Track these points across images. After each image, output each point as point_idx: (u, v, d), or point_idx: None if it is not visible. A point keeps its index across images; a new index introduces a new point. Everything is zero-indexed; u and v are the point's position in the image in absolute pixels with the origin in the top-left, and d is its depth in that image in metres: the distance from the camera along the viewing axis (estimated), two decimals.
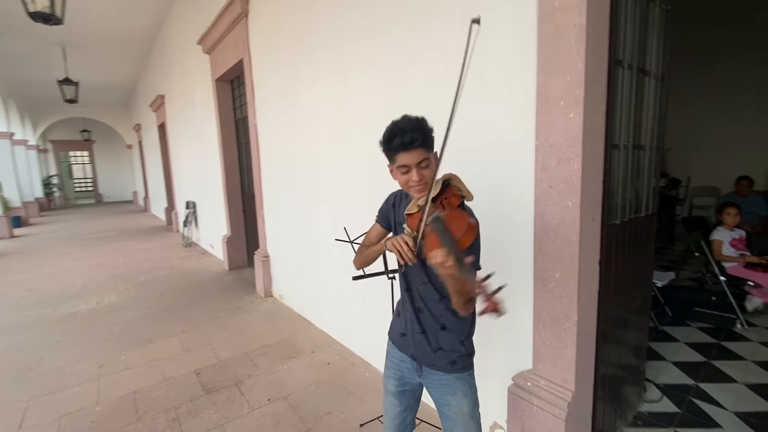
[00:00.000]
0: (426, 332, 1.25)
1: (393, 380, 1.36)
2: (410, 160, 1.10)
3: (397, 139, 1.08)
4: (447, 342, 1.24)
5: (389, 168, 1.20)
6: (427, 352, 1.25)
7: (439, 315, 1.23)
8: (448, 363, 1.24)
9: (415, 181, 1.12)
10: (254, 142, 4.23)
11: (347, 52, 2.61)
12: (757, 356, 2.67)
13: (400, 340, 1.33)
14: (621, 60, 1.59)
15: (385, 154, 1.16)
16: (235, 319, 3.78)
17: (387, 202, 1.37)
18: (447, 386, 1.26)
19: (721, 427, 2.02)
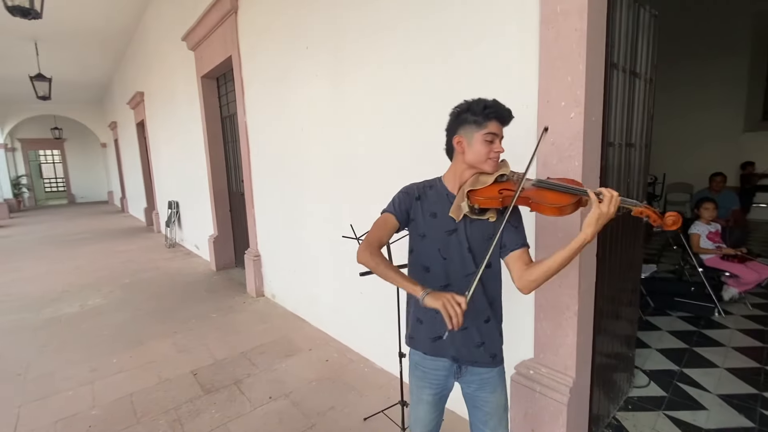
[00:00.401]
0: (469, 328, 1.21)
1: (429, 390, 1.30)
2: (500, 131, 1.15)
3: (496, 108, 1.12)
4: (489, 335, 1.23)
5: (458, 139, 1.16)
6: (470, 349, 1.23)
7: (484, 308, 1.21)
8: (490, 357, 1.24)
9: (497, 153, 1.15)
10: (244, 140, 4.19)
11: (343, 51, 2.63)
12: (735, 342, 2.84)
13: (434, 345, 1.25)
14: (616, 62, 1.68)
15: (469, 119, 1.14)
16: (227, 319, 3.75)
17: (408, 195, 1.23)
18: (487, 383, 1.25)
19: (706, 408, 2.15)
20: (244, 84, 3.99)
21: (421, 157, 2.20)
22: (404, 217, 1.21)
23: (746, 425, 2.01)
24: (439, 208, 1.21)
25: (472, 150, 1.15)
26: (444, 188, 1.24)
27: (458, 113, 1.18)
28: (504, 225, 1.10)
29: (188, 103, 5.56)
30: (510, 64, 1.72)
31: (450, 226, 1.19)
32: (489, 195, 1.12)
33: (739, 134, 7.23)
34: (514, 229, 1.18)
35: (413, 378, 1.34)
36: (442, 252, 1.20)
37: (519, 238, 1.18)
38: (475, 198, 1.13)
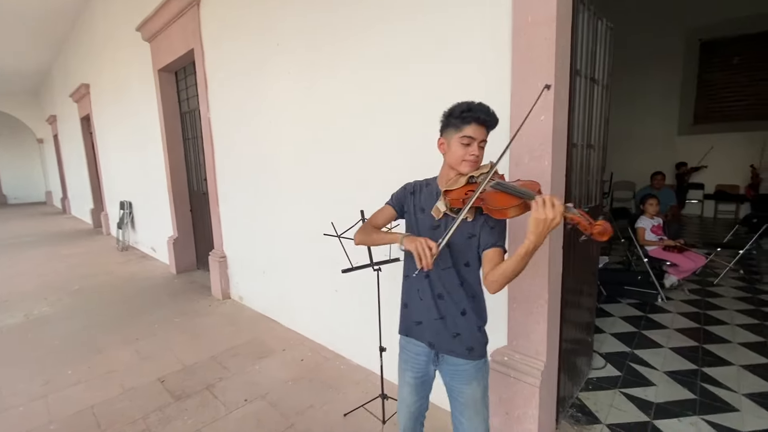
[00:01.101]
0: (445, 318, 1.29)
1: (410, 372, 1.39)
2: (477, 135, 1.19)
3: (475, 112, 1.17)
4: (465, 328, 1.29)
5: (441, 141, 1.26)
6: (446, 338, 1.29)
7: (459, 300, 1.28)
8: (466, 349, 1.29)
9: (474, 155, 1.19)
10: (207, 137, 4.04)
11: (318, 49, 2.62)
12: (676, 324, 3.15)
13: (416, 329, 1.35)
14: (578, 69, 1.82)
15: (451, 122, 1.20)
16: (193, 323, 3.61)
17: (405, 189, 1.39)
18: (462, 376, 1.31)
19: (655, 384, 2.38)
20: (207, 79, 3.85)
21: (396, 156, 2.26)
22: (399, 207, 1.37)
23: (689, 397, 2.25)
24: (427, 205, 1.31)
25: (451, 152, 1.23)
26: (436, 186, 1.33)
27: (445, 115, 1.25)
28: (481, 226, 1.21)
29: (143, 97, 5.26)
30: (484, 68, 1.81)
31: (433, 222, 1.28)
32: (456, 196, 1.20)
33: (673, 137, 7.96)
34: (489, 229, 1.21)
35: (400, 360, 1.45)
36: None
37: (492, 238, 1.20)
38: (448, 198, 1.21)
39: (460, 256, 1.25)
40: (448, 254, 1.25)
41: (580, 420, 2.10)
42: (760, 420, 2.04)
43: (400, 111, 2.20)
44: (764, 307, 3.41)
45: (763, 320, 3.16)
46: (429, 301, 1.30)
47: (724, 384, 2.36)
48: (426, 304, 1.31)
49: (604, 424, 2.07)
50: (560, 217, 0.99)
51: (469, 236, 1.24)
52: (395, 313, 2.15)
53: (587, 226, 0.99)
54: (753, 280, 4.06)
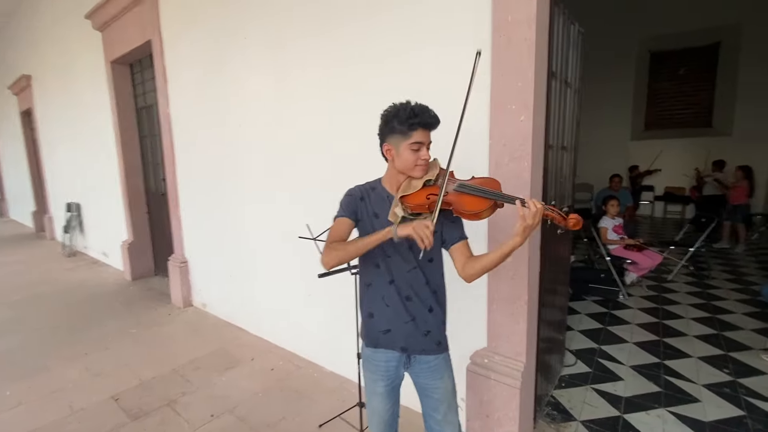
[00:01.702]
0: (416, 319, 1.28)
1: (382, 382, 1.35)
2: (425, 139, 1.19)
3: (421, 117, 1.15)
4: (434, 324, 1.31)
5: (387, 147, 1.23)
6: (418, 339, 1.29)
7: (426, 298, 1.29)
8: (436, 344, 1.31)
9: (426, 159, 1.20)
10: (166, 134, 3.79)
11: (288, 44, 2.51)
12: (637, 320, 3.30)
13: (385, 337, 1.31)
14: (554, 72, 1.84)
15: (396, 128, 1.18)
16: (151, 333, 3.36)
17: (352, 196, 1.31)
18: (435, 370, 1.32)
19: (623, 379, 2.46)
20: (167, 72, 3.61)
21: (366, 157, 2.19)
22: (354, 216, 1.29)
23: (654, 390, 2.34)
24: (379, 209, 1.27)
25: (400, 158, 1.21)
26: (384, 190, 1.29)
27: (386, 120, 1.21)
28: (442, 222, 1.24)
29: (94, 90, 4.87)
30: (464, 66, 1.78)
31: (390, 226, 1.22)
32: (417, 201, 1.19)
33: (626, 142, 8.44)
34: (451, 224, 1.26)
35: (366, 372, 1.40)
36: (386, 250, 1.26)
37: (457, 232, 1.27)
38: (407, 203, 1.19)
39: (421, 254, 1.22)
40: (411, 255, 1.26)
41: (556, 418, 2.12)
42: (719, 409, 2.15)
43: (371, 111, 2.14)
44: (713, 301, 3.64)
45: (714, 313, 3.38)
46: (397, 305, 1.28)
47: (684, 376, 2.47)
48: (394, 309, 1.29)
49: (579, 421, 2.10)
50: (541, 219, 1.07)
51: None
52: None
53: (561, 220, 1.08)
54: (702, 276, 4.35)
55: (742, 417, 2.08)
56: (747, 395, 2.26)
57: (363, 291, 1.38)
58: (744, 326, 3.12)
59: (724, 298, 3.72)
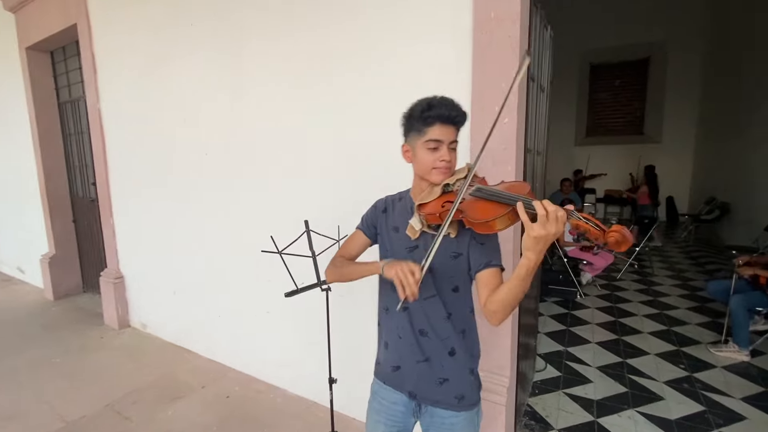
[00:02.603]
0: (430, 360, 1.05)
1: (384, 426, 1.13)
2: (445, 136, 0.98)
3: (437, 109, 0.96)
4: (454, 371, 1.05)
5: (405, 148, 1.06)
6: (431, 386, 1.06)
7: (446, 337, 1.04)
8: (455, 398, 1.05)
9: (446, 161, 0.98)
10: (97, 133, 3.33)
11: (244, 32, 2.26)
12: (596, 319, 3.41)
13: (393, 375, 1.11)
14: (533, 74, 1.79)
15: (412, 125, 1.01)
16: (80, 362, 2.90)
17: (375, 208, 1.17)
18: (450, 430, 1.07)
19: (591, 381, 2.49)
20: (97, 62, 3.17)
21: (332, 163, 2.03)
22: (372, 232, 1.15)
23: (621, 391, 2.39)
24: (401, 222, 1.09)
25: (417, 160, 1.03)
26: (410, 200, 1.11)
27: (406, 118, 1.04)
28: (468, 243, 0.99)
29: (5, 81, 4.20)
30: (443, 67, 1.67)
31: (410, 242, 1.06)
32: (432, 209, 0.99)
33: (572, 147, 8.95)
34: (479, 246, 1.00)
35: (370, 409, 1.19)
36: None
37: (484, 257, 0.99)
38: (423, 213, 1.00)
39: (445, 281, 1.03)
40: (431, 280, 1.02)
41: (535, 428, 2.08)
42: (682, 405, 2.23)
43: (338, 111, 1.98)
44: (659, 297, 3.88)
45: (662, 309, 3.58)
46: (409, 338, 1.06)
47: (646, 374, 2.55)
48: (406, 342, 1.07)
49: (557, 429, 2.07)
50: (563, 227, 0.79)
51: (455, 256, 1.02)
52: (343, 338, 1.91)
53: (599, 235, 0.76)
54: (646, 273, 4.64)
55: (703, 412, 2.17)
56: (704, 389, 2.37)
57: (381, 315, 1.17)
58: (689, 321, 3.32)
59: (668, 294, 3.98)
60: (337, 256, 1.16)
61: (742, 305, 2.66)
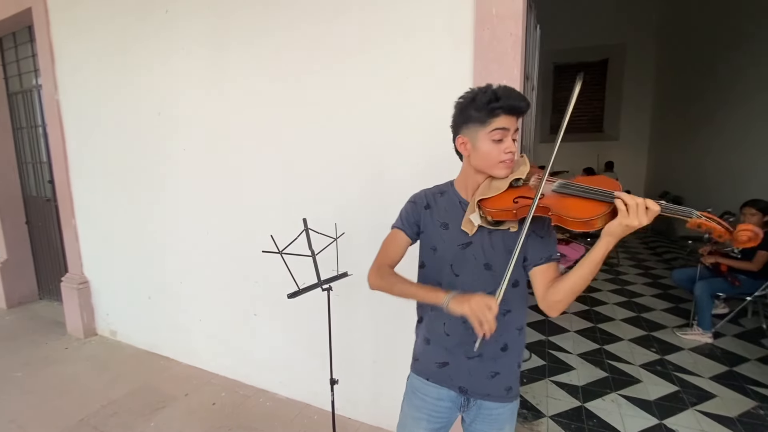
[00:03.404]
0: (483, 356, 1.04)
1: (427, 423, 1.11)
2: (511, 125, 0.94)
3: (506, 100, 0.91)
4: (506, 365, 1.06)
5: (461, 140, 0.99)
6: (482, 381, 1.06)
7: (500, 333, 0.99)
8: (505, 390, 1.07)
9: (512, 152, 0.95)
10: (55, 126, 3.07)
11: (225, 16, 2.16)
12: (572, 309, 3.56)
13: (439, 372, 1.09)
14: (528, 73, 1.83)
15: (472, 115, 0.95)
16: (44, 375, 2.68)
17: (416, 204, 1.09)
18: (495, 420, 1.09)
19: (574, 368, 2.60)
20: (55, 50, 2.91)
21: (321, 160, 1.98)
22: (414, 230, 1.08)
23: (602, 376, 2.52)
24: (450, 218, 1.04)
25: (478, 153, 0.97)
26: (456, 195, 1.06)
27: (461, 107, 0.99)
28: (526, 236, 0.93)
29: None
30: (444, 63, 1.67)
31: (464, 238, 1.02)
32: (502, 206, 0.94)
33: (536, 145, 9.28)
34: (539, 240, 0.99)
35: (409, 407, 1.15)
36: (454, 268, 1.03)
37: (544, 251, 0.99)
38: (487, 209, 0.96)
39: (501, 275, 0.95)
40: (490, 276, 1.00)
41: (528, 417, 2.14)
42: (658, 387, 2.38)
43: (327, 107, 1.93)
44: (627, 286, 4.12)
45: (630, 297, 3.81)
46: (460, 336, 1.04)
47: (623, 358, 2.71)
48: (455, 339, 1.05)
49: (548, 416, 2.15)
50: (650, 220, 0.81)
51: (511, 250, 0.96)
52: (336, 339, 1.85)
53: (724, 232, 0.78)
54: (612, 264, 4.92)
55: (677, 392, 2.33)
56: (675, 371, 2.54)
57: (424, 311, 1.13)
58: (655, 307, 3.56)
59: (634, 282, 4.24)
60: (383, 264, 1.05)
61: (705, 291, 2.87)
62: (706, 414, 2.12)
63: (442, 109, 1.39)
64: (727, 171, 4.98)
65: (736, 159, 4.79)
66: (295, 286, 1.58)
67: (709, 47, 5.68)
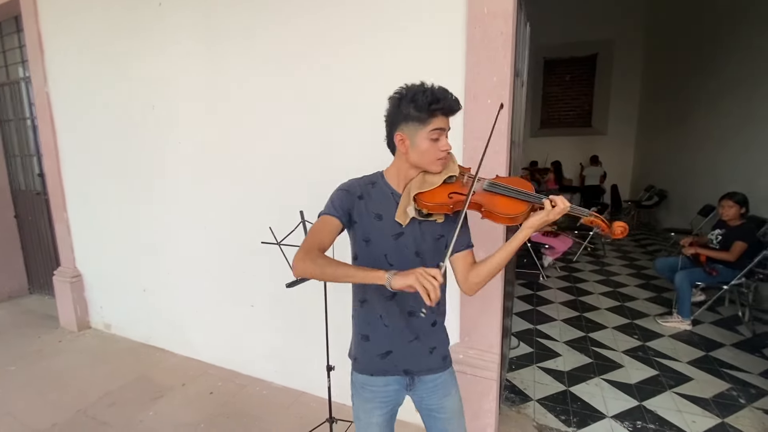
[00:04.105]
0: (419, 336, 1.14)
1: (379, 410, 1.18)
2: (446, 124, 1.03)
3: (445, 102, 0.98)
4: (439, 338, 1.18)
5: (400, 137, 1.04)
6: (423, 358, 1.15)
7: (431, 312, 1.12)
8: (442, 359, 1.18)
9: (447, 150, 1.04)
10: (45, 118, 3.05)
11: (221, 6, 2.17)
12: (559, 299, 3.68)
13: (383, 362, 1.15)
14: (518, 69, 1.88)
15: (411, 114, 1.00)
16: (39, 368, 2.69)
17: (349, 192, 1.09)
18: (442, 388, 1.18)
19: (561, 355, 2.71)
20: (43, 39, 2.88)
21: (315, 151, 2.02)
22: (346, 218, 1.07)
23: (587, 361, 2.62)
24: (383, 209, 1.08)
25: (417, 150, 1.03)
26: (388, 186, 1.11)
27: (399, 103, 1.03)
28: (450, 225, 1.09)
29: None
30: (437, 59, 1.72)
31: (396, 229, 1.08)
32: (438, 200, 1.04)
33: (527, 139, 9.39)
34: (461, 230, 1.08)
35: (359, 401, 1.21)
36: (388, 258, 1.08)
37: (464, 239, 1.12)
38: (423, 202, 1.04)
39: (429, 262, 1.08)
40: (419, 263, 1.07)
41: (515, 401, 2.24)
42: (639, 371, 2.50)
43: (322, 101, 1.97)
44: (612, 276, 4.25)
45: (614, 287, 3.94)
46: (399, 323, 1.12)
47: (607, 345, 2.82)
48: (394, 328, 1.12)
49: (535, 400, 2.24)
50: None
51: (438, 237, 1.11)
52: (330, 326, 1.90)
53: (605, 227, 0.99)
54: (598, 255, 5.05)
55: (657, 375, 2.44)
56: (655, 356, 2.66)
57: (356, 309, 1.18)
58: (638, 296, 3.69)
59: (618, 273, 4.37)
60: (313, 249, 1.00)
61: (685, 280, 3.00)
62: (683, 395, 2.24)
63: None
64: (709, 165, 5.13)
65: (716, 154, 4.95)
66: (292, 276, 1.63)
67: (694, 44, 5.81)
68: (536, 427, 2.04)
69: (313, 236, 1.04)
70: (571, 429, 2.02)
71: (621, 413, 2.11)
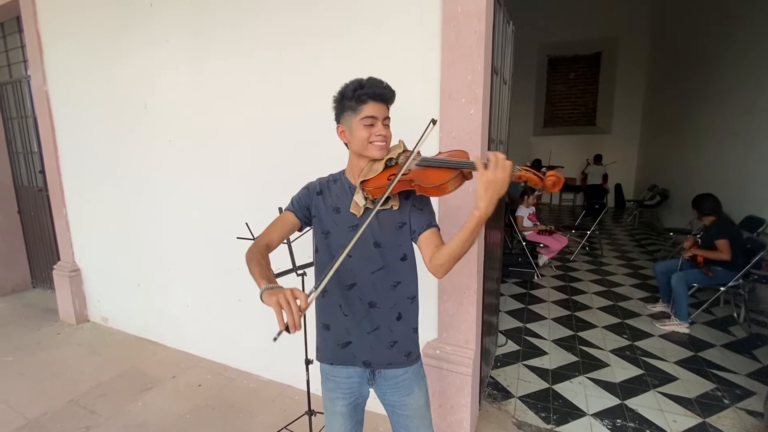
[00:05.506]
0: (380, 328, 1.13)
1: (342, 401, 1.19)
2: (379, 113, 1.05)
3: (369, 88, 1.02)
4: (402, 333, 1.16)
5: (341, 129, 1.09)
6: (383, 351, 1.14)
7: (393, 305, 1.13)
8: (404, 356, 1.16)
9: (382, 135, 1.05)
10: (44, 117, 3.13)
11: (209, 10, 2.21)
12: (552, 298, 3.67)
13: (343, 352, 1.16)
14: (496, 68, 1.89)
15: (346, 105, 1.05)
16: (36, 360, 2.77)
17: (308, 189, 1.16)
18: (403, 387, 1.18)
19: (547, 353, 2.71)
20: (42, 40, 2.95)
21: (301, 147, 2.05)
22: (304, 213, 1.14)
23: (573, 360, 2.62)
24: (341, 203, 1.12)
25: (355, 138, 1.07)
26: (347, 181, 1.15)
27: (337, 99, 1.08)
28: (410, 210, 1.09)
29: None
30: (412, 54, 1.74)
31: (353, 221, 1.10)
32: (378, 184, 1.05)
33: (530, 137, 9.34)
34: (419, 212, 1.10)
35: (325, 390, 1.24)
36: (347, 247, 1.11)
37: (424, 220, 1.09)
38: (368, 188, 1.06)
39: (393, 252, 1.11)
40: (379, 254, 1.09)
41: (497, 397, 2.25)
42: (624, 371, 2.49)
43: (311, 97, 2.00)
44: (607, 276, 4.23)
45: (609, 287, 3.92)
46: (358, 313, 1.12)
47: (594, 344, 2.82)
48: (354, 318, 1.13)
49: (516, 397, 2.26)
50: (509, 176, 0.89)
51: (400, 225, 1.10)
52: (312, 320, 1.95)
53: (538, 181, 0.93)
54: (596, 255, 5.02)
55: (642, 375, 2.44)
56: (642, 356, 2.65)
57: (318, 298, 1.16)
58: (632, 296, 3.67)
59: (615, 272, 4.34)
60: (259, 242, 1.07)
61: (681, 282, 2.97)
62: (666, 395, 2.23)
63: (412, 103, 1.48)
64: (710, 165, 5.06)
65: (717, 153, 4.88)
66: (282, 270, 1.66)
67: (698, 43, 5.72)
68: (515, 424, 2.05)
69: (267, 230, 1.12)
70: (550, 426, 2.03)
71: (602, 411, 2.12)
